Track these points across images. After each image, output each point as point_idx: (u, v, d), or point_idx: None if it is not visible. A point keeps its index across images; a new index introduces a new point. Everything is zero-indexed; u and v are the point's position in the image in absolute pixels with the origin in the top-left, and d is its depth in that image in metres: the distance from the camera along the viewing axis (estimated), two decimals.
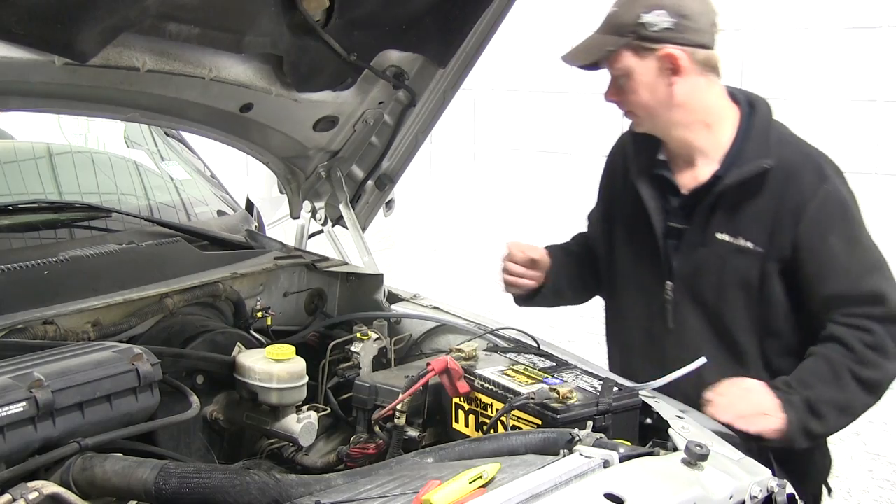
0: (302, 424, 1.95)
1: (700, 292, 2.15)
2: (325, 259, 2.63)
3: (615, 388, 1.84)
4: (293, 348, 2.01)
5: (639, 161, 2.23)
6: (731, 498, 1.56)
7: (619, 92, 2.13)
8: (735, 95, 2.17)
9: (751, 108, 2.15)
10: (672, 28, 2.02)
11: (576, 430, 1.66)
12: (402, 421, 1.95)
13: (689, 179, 2.16)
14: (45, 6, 1.74)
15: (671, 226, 2.18)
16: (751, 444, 1.91)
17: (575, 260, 2.45)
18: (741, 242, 2.09)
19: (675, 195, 2.18)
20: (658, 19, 2.02)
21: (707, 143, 2.13)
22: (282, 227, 3.68)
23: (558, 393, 1.77)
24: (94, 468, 1.55)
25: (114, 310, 2.05)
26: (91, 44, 1.85)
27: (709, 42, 2.08)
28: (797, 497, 1.65)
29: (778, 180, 2.06)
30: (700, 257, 2.14)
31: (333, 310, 2.59)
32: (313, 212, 2.97)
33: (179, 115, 2.43)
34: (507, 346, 2.20)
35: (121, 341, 1.93)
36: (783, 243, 2.06)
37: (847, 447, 4.27)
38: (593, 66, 2.14)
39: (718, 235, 2.11)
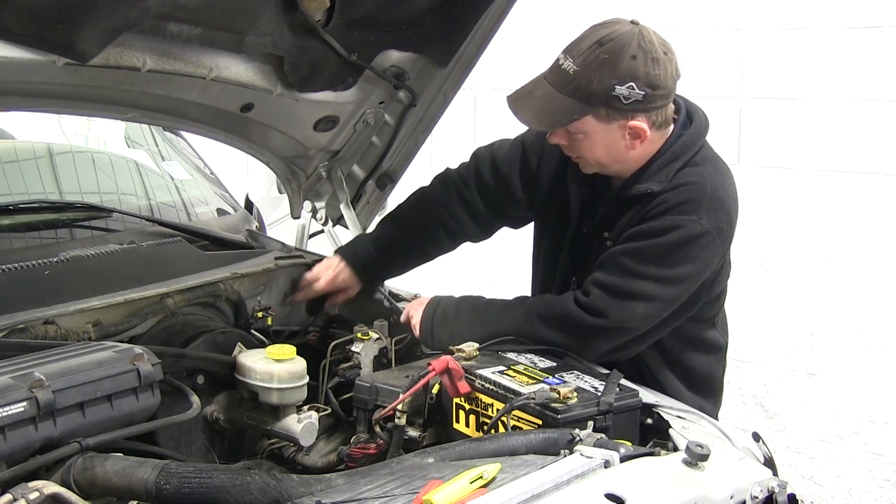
0: (302, 424, 1.95)
1: None
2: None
3: (616, 389, 1.85)
4: (294, 348, 2.01)
5: (576, 167, 2.22)
6: (731, 498, 1.57)
7: (570, 142, 2.10)
8: (677, 106, 2.16)
9: (683, 127, 2.14)
10: (642, 100, 1.99)
11: (576, 431, 1.66)
12: (403, 421, 1.95)
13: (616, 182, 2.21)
14: (46, 6, 1.74)
15: (583, 230, 2.24)
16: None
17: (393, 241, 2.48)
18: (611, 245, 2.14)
19: (595, 203, 2.22)
20: (630, 92, 1.97)
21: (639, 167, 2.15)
22: (282, 226, 3.68)
23: (559, 393, 1.77)
24: (94, 468, 1.55)
25: (114, 310, 2.05)
26: (92, 44, 1.85)
27: (671, 97, 2.07)
28: (797, 497, 1.65)
29: (654, 198, 2.09)
30: (592, 255, 2.19)
31: (333, 309, 2.59)
32: (314, 212, 2.97)
33: (180, 115, 2.43)
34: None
35: (121, 341, 1.93)
36: None
37: (848, 447, 4.27)
38: None
39: (605, 234, 2.17)
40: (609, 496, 1.43)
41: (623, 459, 1.56)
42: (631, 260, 2.06)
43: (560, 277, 2.30)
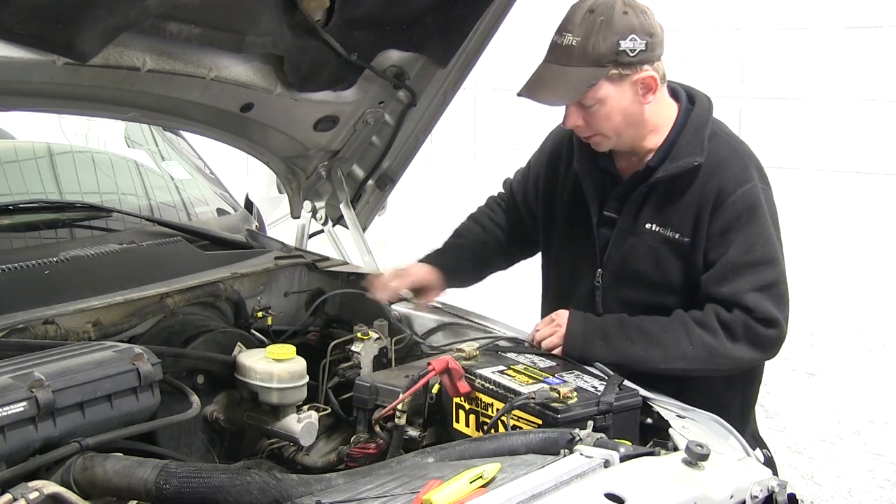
0: (302, 424, 1.95)
1: (628, 280, 2.20)
2: (326, 259, 2.63)
3: (616, 388, 1.85)
4: (294, 348, 2.01)
5: (584, 152, 2.25)
6: (731, 498, 1.56)
7: (587, 118, 2.11)
8: (675, 91, 2.21)
9: (690, 103, 2.20)
10: (645, 49, 2.04)
11: (576, 430, 1.66)
12: (403, 420, 1.95)
13: (628, 168, 2.21)
14: (46, 6, 1.74)
15: (606, 215, 2.23)
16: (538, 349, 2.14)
17: (467, 255, 2.53)
18: (669, 233, 2.13)
19: (613, 186, 2.23)
20: (634, 44, 2.02)
21: (651, 142, 2.17)
22: (282, 226, 3.68)
23: (559, 393, 1.77)
24: (94, 468, 1.55)
25: (114, 309, 2.05)
26: (92, 44, 1.85)
27: (663, 46, 2.11)
28: (797, 497, 1.65)
29: (705, 174, 2.11)
30: (629, 246, 2.18)
31: (334, 310, 2.59)
32: (314, 211, 2.97)
33: (180, 115, 2.43)
34: (507, 345, 2.20)
35: (121, 341, 1.93)
36: (703, 233, 2.11)
37: (848, 447, 4.28)
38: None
39: (648, 225, 2.16)
40: (609, 496, 1.43)
41: (623, 459, 1.56)
42: (746, 253, 2.08)
43: (583, 272, 2.27)
